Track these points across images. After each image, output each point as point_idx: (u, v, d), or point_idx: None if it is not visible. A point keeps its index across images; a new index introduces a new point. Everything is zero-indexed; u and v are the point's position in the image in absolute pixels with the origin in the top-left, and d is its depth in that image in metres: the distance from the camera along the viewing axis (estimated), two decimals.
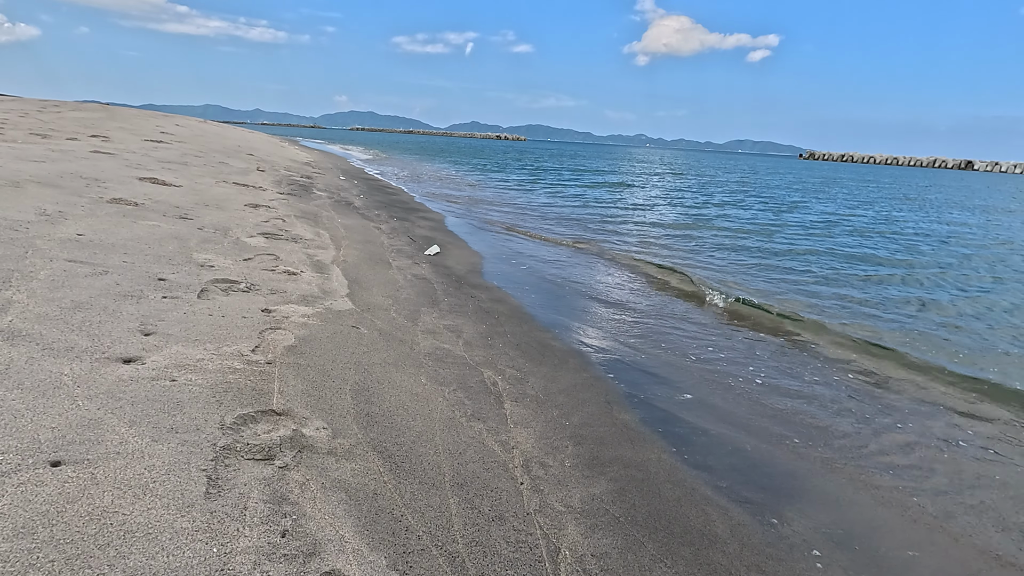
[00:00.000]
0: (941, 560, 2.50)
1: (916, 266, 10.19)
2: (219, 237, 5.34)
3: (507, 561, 2.00)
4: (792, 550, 2.42)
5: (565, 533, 2.24)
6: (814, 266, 9.60)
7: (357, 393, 2.90)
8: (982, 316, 7.07)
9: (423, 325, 4.40)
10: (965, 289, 8.63)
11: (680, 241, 11.49)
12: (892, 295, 7.88)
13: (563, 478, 2.66)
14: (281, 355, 3.07)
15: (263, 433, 2.31)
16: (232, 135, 24.41)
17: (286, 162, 16.84)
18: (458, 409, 3.09)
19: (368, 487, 2.17)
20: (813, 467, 3.17)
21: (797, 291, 7.71)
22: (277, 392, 2.66)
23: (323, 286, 4.60)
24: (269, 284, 4.27)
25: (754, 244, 11.65)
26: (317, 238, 6.50)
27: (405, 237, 8.30)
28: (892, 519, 2.77)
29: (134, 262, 4.00)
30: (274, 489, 1.98)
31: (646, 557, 2.20)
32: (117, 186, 6.75)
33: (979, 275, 9.80)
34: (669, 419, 3.54)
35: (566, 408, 3.45)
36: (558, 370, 4.06)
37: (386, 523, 2.00)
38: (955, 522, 2.78)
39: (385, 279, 5.50)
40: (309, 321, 3.68)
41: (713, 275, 8.35)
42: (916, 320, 6.65)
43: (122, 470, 1.86)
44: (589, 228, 12.50)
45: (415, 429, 2.73)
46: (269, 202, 8.22)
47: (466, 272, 6.70)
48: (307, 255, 5.53)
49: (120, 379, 2.41)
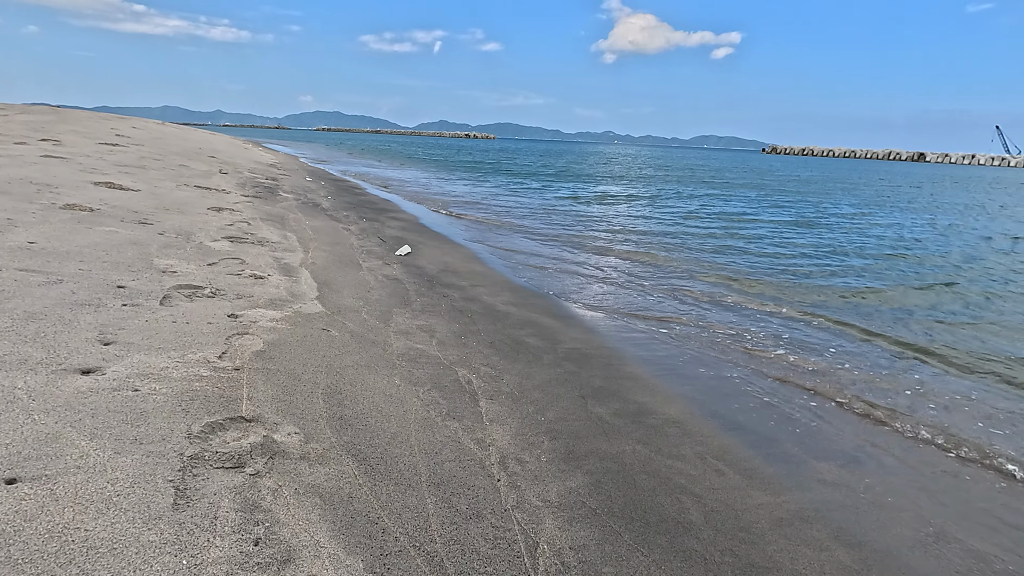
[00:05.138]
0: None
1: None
2: (181, 242, 5.19)
3: (486, 558, 2.00)
4: (764, 534, 2.48)
5: (543, 528, 2.25)
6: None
7: (329, 396, 2.85)
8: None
9: (395, 326, 4.36)
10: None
11: (668, 238, 11.66)
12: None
13: (539, 473, 2.67)
14: (249, 360, 3.00)
15: (233, 441, 2.26)
16: (193, 137, 23.70)
17: (250, 164, 16.45)
18: (433, 409, 3.08)
19: (343, 491, 2.14)
20: (778, 451, 3.27)
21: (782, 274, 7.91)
22: (246, 398, 2.60)
23: (291, 289, 4.52)
24: (235, 288, 4.16)
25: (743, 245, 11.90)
26: (284, 241, 6.38)
27: (375, 238, 8.20)
28: (843, 498, 2.87)
29: (91, 270, 3.85)
30: (245, 497, 1.93)
31: (623, 547, 2.23)
32: (70, 191, 6.48)
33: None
34: (643, 411, 3.59)
35: (541, 404, 3.46)
36: (532, 366, 4.07)
37: (362, 526, 1.97)
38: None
39: (355, 281, 5.43)
40: (278, 325, 3.61)
41: (708, 268, 8.51)
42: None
43: (83, 485, 1.79)
44: (563, 223, 12.58)
45: (389, 430, 2.71)
46: (233, 205, 8.02)
47: (438, 271, 6.66)
48: (274, 258, 5.42)
49: (79, 391, 2.32)
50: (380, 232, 8.80)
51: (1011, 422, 3.95)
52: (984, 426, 3.84)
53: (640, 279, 7.66)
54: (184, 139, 20.66)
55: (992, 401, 4.28)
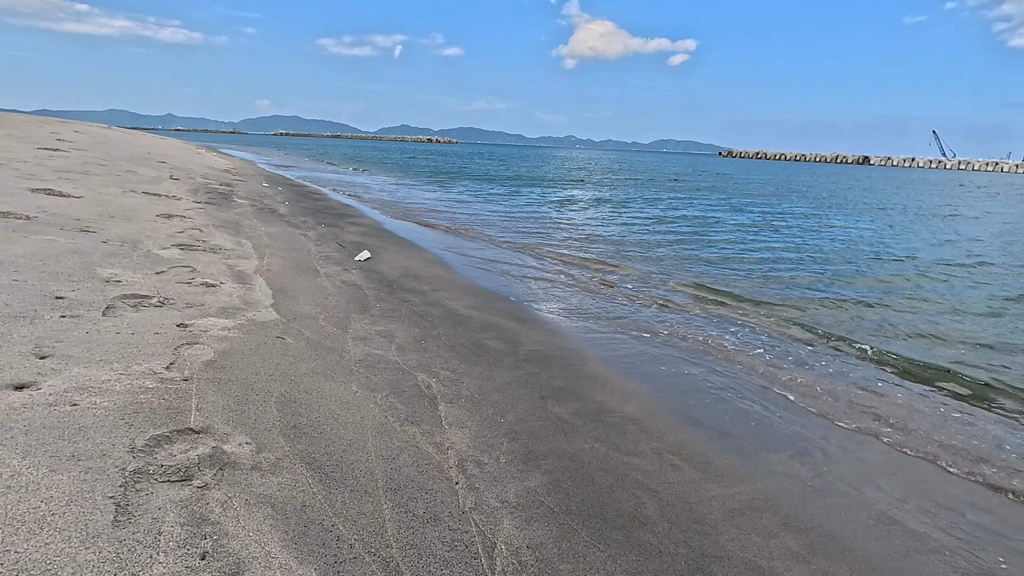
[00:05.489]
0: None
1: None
2: (127, 250, 4.99)
3: (442, 561, 1.99)
4: (717, 524, 2.56)
5: (501, 528, 2.26)
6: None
7: (283, 405, 2.79)
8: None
9: (354, 332, 4.30)
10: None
11: (633, 242, 11.84)
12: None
13: (498, 474, 2.68)
14: (199, 370, 2.91)
15: (180, 453, 2.19)
16: (141, 141, 22.81)
17: (203, 169, 15.94)
18: (391, 414, 3.05)
19: (296, 500, 2.10)
20: (732, 445, 3.37)
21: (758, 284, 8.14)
22: (195, 409, 2.52)
23: (245, 297, 4.40)
24: (185, 297, 4.03)
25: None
26: (238, 247, 6.21)
27: (334, 243, 8.07)
28: (792, 487, 2.99)
29: (26, 280, 3.66)
30: (192, 510, 1.88)
31: (580, 543, 2.26)
32: (5, 198, 6.15)
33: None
34: (602, 409, 3.65)
35: (501, 406, 3.47)
36: (493, 369, 4.08)
37: (316, 534, 1.94)
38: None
39: (313, 287, 5.33)
40: (230, 334, 3.52)
41: (656, 270, 8.68)
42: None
43: (14, 505, 1.71)
44: (529, 228, 12.64)
45: (346, 437, 2.67)
46: (184, 212, 7.76)
47: (399, 276, 6.60)
48: (227, 266, 5.27)
49: (11, 407, 2.20)
50: (339, 238, 8.66)
51: (949, 419, 4.19)
52: (925, 422, 4.06)
53: (604, 282, 7.77)
54: (132, 144, 19.87)
55: (934, 399, 4.53)
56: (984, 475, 3.33)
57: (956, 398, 4.47)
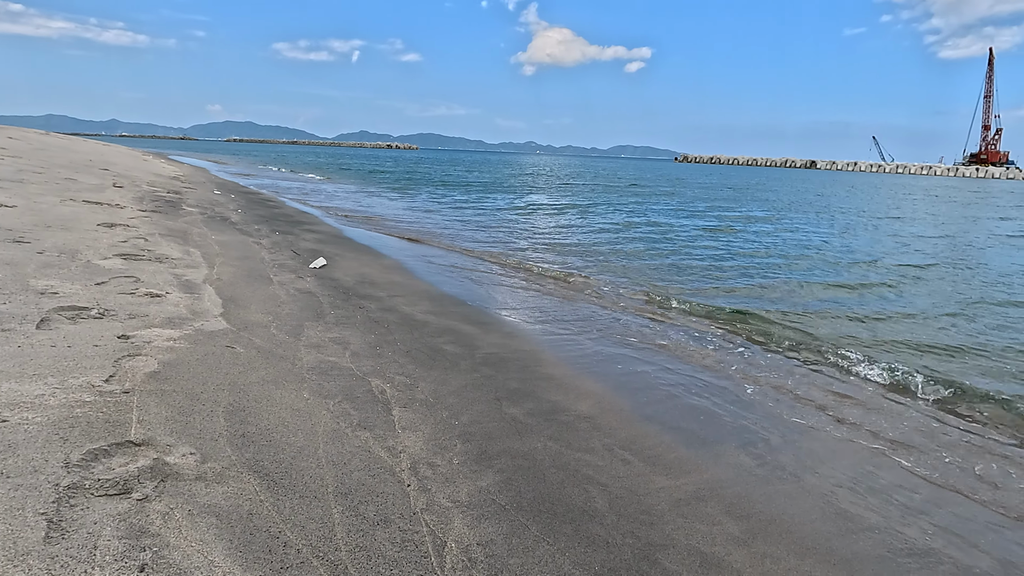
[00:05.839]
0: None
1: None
2: (65, 261, 4.78)
3: (392, 561, 2.01)
4: (663, 515, 2.65)
5: (452, 527, 2.29)
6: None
7: (231, 414, 2.75)
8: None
9: (307, 339, 4.25)
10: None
11: (594, 246, 12.01)
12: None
13: (451, 475, 2.71)
14: (141, 382, 2.83)
15: (118, 467, 2.13)
16: (82, 148, 21.81)
17: (150, 177, 15.37)
18: (343, 420, 3.03)
19: (242, 508, 2.07)
20: (680, 438, 3.50)
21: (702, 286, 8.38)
22: (136, 422, 2.45)
23: (193, 307, 4.29)
24: (127, 309, 3.90)
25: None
26: (187, 256, 6.03)
27: (288, 251, 7.92)
28: (736, 476, 3.13)
29: None
30: (131, 523, 1.84)
31: (529, 538, 2.31)
32: None
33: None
34: (556, 409, 3.72)
35: (456, 408, 3.50)
36: (449, 373, 4.10)
37: (262, 541, 1.93)
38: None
39: (265, 295, 5.23)
40: (176, 344, 3.43)
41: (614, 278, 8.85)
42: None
43: None
44: (489, 235, 12.69)
45: (296, 444, 2.64)
46: (128, 220, 7.48)
47: (355, 283, 6.54)
48: (174, 275, 5.11)
49: None
50: (294, 245, 8.50)
51: (883, 409, 4.44)
52: (861, 413, 4.29)
53: (563, 285, 7.89)
54: (72, 150, 18.97)
55: (868, 390, 4.79)
56: (912, 461, 3.55)
57: (892, 390, 4.75)
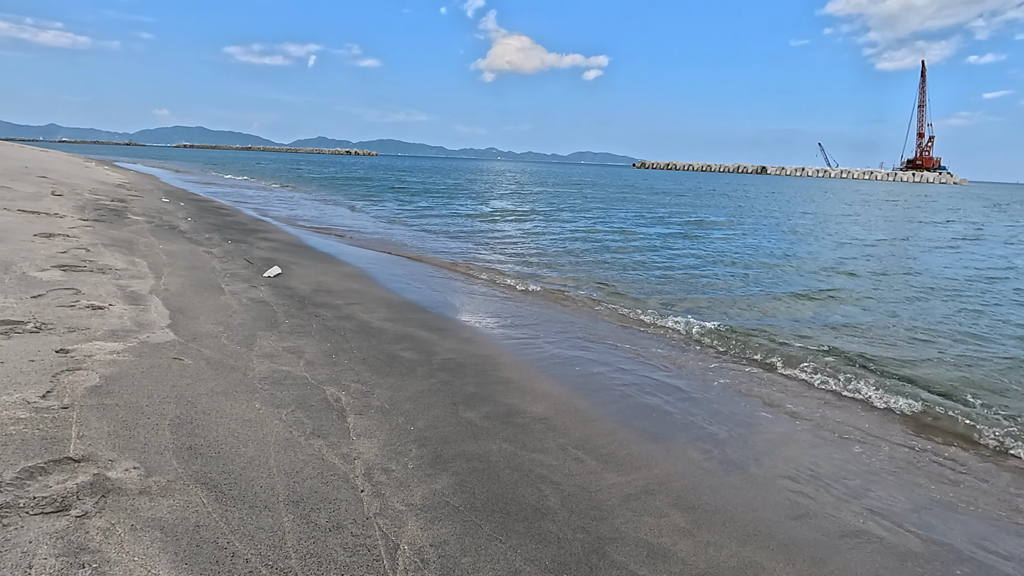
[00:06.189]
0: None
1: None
2: None
3: (343, 566, 2.02)
4: (614, 509, 2.74)
5: (405, 530, 2.31)
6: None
7: (177, 427, 2.69)
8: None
9: (259, 349, 4.18)
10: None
11: (557, 251, 12.13)
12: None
13: (405, 480, 2.73)
14: (81, 397, 2.74)
15: (56, 484, 2.07)
16: (17, 155, 20.68)
17: (92, 185, 14.71)
18: (296, 429, 3.01)
19: (188, 520, 2.05)
20: (632, 436, 3.61)
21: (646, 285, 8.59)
22: (75, 437, 2.38)
23: (138, 318, 4.16)
24: (67, 322, 3.76)
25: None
26: (132, 267, 5.83)
27: (241, 260, 7.73)
28: (684, 470, 3.26)
29: None
30: (69, 541, 1.79)
31: (482, 537, 2.36)
32: None
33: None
34: (512, 411, 3.77)
35: (412, 414, 3.51)
36: (405, 379, 4.11)
37: (209, 552, 1.91)
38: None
39: (216, 305, 5.11)
40: (119, 357, 3.33)
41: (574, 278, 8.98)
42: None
43: None
44: (449, 241, 12.68)
45: (246, 455, 2.61)
46: (68, 230, 7.16)
47: (311, 291, 6.45)
48: (118, 286, 4.94)
49: None
50: (248, 254, 8.31)
51: (826, 401, 4.69)
52: (804, 407, 4.52)
53: (521, 290, 7.97)
54: (5, 156, 17.98)
55: (814, 388, 5.05)
56: (848, 452, 3.77)
57: (834, 387, 5.01)
